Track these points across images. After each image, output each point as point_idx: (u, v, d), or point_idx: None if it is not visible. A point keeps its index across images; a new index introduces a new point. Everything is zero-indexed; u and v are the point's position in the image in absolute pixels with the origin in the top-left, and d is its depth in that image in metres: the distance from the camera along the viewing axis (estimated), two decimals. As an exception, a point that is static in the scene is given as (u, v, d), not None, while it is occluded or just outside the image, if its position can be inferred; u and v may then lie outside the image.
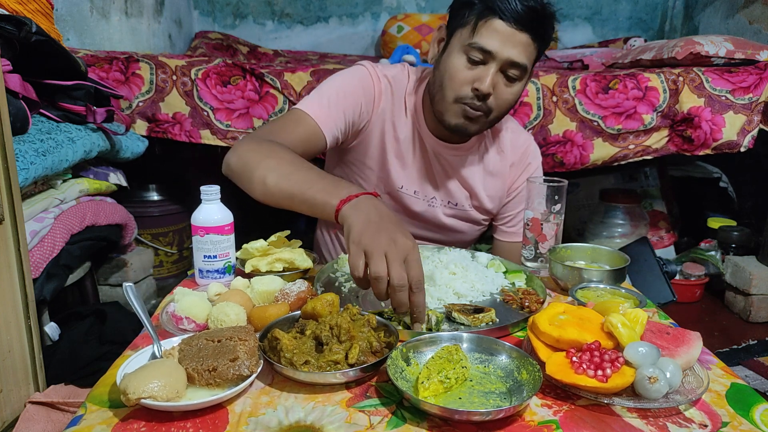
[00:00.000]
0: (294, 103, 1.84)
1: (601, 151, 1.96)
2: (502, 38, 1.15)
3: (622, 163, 2.00)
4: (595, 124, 1.94)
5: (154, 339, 0.83)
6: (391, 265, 0.87)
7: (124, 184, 1.67)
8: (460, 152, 1.36)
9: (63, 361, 1.22)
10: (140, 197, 2.17)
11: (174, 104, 1.86)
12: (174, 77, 1.86)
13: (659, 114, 1.94)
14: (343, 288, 1.10)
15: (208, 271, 1.07)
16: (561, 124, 1.94)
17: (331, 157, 1.46)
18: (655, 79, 1.94)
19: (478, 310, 0.95)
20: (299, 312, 0.89)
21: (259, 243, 1.12)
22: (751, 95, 1.92)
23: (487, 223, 1.49)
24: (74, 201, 1.42)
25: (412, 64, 2.00)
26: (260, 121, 1.88)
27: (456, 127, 1.24)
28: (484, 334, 0.86)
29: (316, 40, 3.60)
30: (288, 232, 1.16)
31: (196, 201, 1.08)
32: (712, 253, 2.35)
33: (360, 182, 1.39)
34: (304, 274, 1.13)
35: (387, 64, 1.42)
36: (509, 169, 1.42)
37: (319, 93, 1.28)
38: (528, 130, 1.93)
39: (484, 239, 1.60)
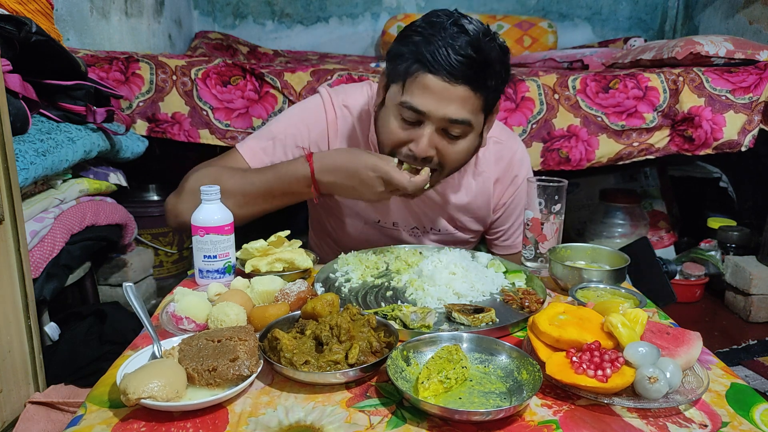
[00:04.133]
0: (293, 103, 1.85)
1: (606, 147, 1.96)
2: (435, 96, 1.02)
3: (627, 162, 2.00)
4: (599, 119, 1.94)
5: (154, 339, 0.83)
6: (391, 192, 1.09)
7: (124, 184, 1.67)
8: (437, 180, 1.26)
9: (63, 361, 1.22)
10: (140, 197, 2.17)
11: (173, 104, 1.86)
12: (174, 77, 1.86)
13: (660, 114, 1.94)
14: (343, 288, 1.10)
15: (208, 271, 1.07)
16: (565, 119, 1.93)
17: None
18: (655, 79, 1.94)
19: (478, 310, 0.95)
20: (299, 312, 0.89)
21: (259, 243, 1.12)
22: (751, 95, 1.92)
23: (475, 241, 1.46)
24: (74, 201, 1.42)
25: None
26: (260, 120, 1.88)
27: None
28: (484, 334, 0.86)
29: (316, 40, 3.60)
30: (288, 232, 1.16)
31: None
32: (712, 253, 2.35)
33: (340, 216, 1.35)
34: (304, 274, 1.13)
35: (349, 89, 1.32)
36: (493, 186, 1.34)
37: (260, 135, 1.25)
38: (531, 125, 1.92)
39: (484, 240, 1.59)
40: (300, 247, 1.17)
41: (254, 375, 0.75)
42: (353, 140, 1.28)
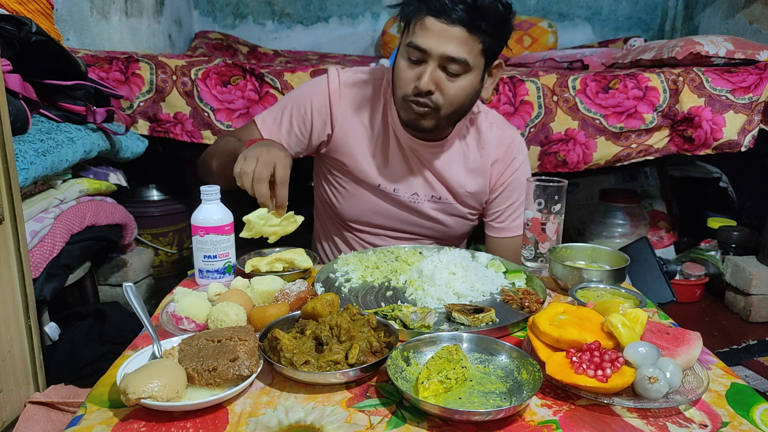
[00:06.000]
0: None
1: (604, 149, 1.96)
2: (435, 35, 1.16)
3: (625, 163, 2.00)
4: (597, 122, 1.94)
5: (154, 339, 0.83)
6: (258, 165, 1.08)
7: (124, 184, 1.67)
8: (436, 149, 1.36)
9: (63, 361, 1.22)
10: (140, 197, 2.17)
11: (175, 104, 1.86)
12: (174, 77, 1.86)
13: (659, 114, 1.94)
14: (343, 288, 1.10)
15: (208, 271, 1.07)
16: (562, 122, 1.94)
17: (317, 161, 1.51)
18: (655, 79, 1.94)
19: (478, 310, 0.95)
20: (299, 312, 0.89)
21: (261, 211, 1.10)
22: (751, 95, 1.92)
23: (474, 218, 1.50)
24: (74, 201, 1.42)
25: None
26: (260, 121, 1.88)
27: (408, 123, 1.28)
28: (484, 334, 0.86)
29: (316, 40, 3.59)
30: (302, 218, 1.16)
31: (196, 201, 1.08)
32: (712, 253, 2.35)
33: (342, 183, 1.43)
34: (304, 274, 1.13)
35: (364, 68, 1.44)
36: (491, 166, 1.42)
37: (274, 107, 1.42)
38: (530, 129, 1.93)
39: (484, 240, 1.59)
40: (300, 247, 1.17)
41: (254, 375, 0.75)
42: (356, 110, 1.36)
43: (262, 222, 1.11)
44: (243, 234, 1.11)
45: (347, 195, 1.43)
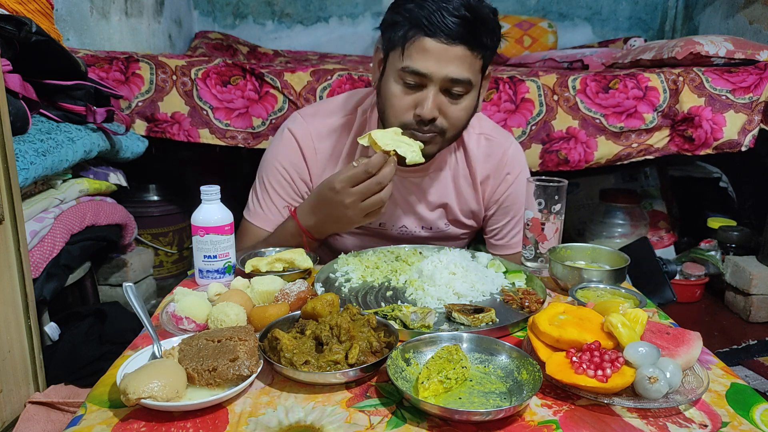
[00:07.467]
0: (294, 103, 1.86)
1: (605, 149, 1.96)
2: (435, 57, 1.05)
3: (626, 162, 2.00)
4: (597, 121, 1.94)
5: (154, 339, 0.83)
6: (357, 208, 1.08)
7: (124, 184, 1.67)
8: (420, 174, 1.29)
9: (63, 361, 1.22)
10: (140, 197, 2.17)
11: (173, 104, 1.86)
12: (174, 77, 1.86)
13: (660, 114, 1.94)
14: (343, 288, 1.10)
15: (208, 271, 1.07)
16: (564, 121, 1.94)
17: None
18: (655, 79, 1.94)
19: (478, 310, 0.95)
20: (299, 312, 0.89)
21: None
22: (751, 95, 1.92)
23: (466, 238, 1.45)
24: (74, 201, 1.42)
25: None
26: (259, 120, 1.88)
27: None
28: (484, 334, 0.86)
29: (316, 40, 3.60)
30: None
31: (196, 201, 1.08)
32: (712, 253, 2.35)
33: None
34: (304, 274, 1.13)
35: (321, 105, 1.38)
36: (484, 182, 1.34)
37: (254, 197, 1.33)
38: (531, 126, 1.93)
39: (484, 241, 1.59)
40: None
41: (254, 375, 0.75)
42: (329, 153, 1.30)
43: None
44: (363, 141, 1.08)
45: (336, 236, 1.38)
